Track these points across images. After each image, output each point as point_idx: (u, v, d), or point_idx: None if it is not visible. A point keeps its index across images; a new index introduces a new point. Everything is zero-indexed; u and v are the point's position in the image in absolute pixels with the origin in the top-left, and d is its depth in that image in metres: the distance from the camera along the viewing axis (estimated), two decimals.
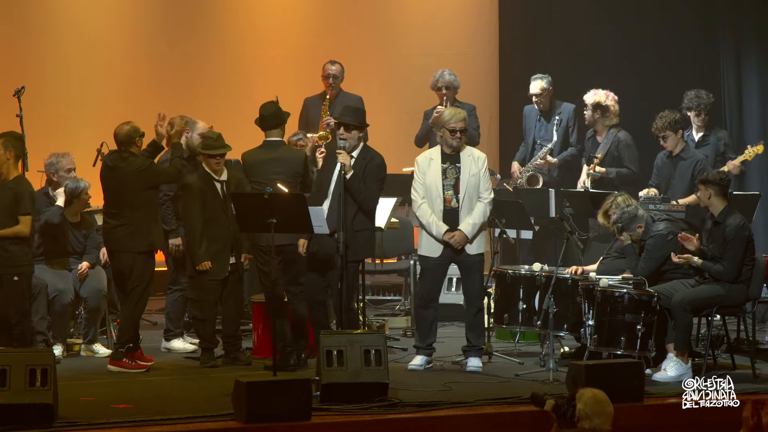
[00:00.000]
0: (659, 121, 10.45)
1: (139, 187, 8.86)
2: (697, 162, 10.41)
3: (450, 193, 8.99)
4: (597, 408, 6.99)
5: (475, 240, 8.96)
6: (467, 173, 8.95)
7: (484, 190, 8.99)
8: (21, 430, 6.94)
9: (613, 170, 11.10)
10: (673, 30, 13.15)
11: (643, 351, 8.56)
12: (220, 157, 9.08)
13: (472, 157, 9.00)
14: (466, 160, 8.98)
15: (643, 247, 8.99)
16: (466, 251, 8.95)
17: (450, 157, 9.02)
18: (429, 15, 13.54)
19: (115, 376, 8.74)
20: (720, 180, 8.83)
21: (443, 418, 7.57)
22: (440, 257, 8.99)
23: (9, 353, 7.34)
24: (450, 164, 9.00)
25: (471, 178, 8.95)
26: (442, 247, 8.96)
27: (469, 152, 9.04)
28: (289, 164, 9.15)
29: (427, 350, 9.04)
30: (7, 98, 8.97)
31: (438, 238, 8.96)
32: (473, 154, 9.04)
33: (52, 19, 12.52)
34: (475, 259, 8.99)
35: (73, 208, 9.63)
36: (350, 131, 8.84)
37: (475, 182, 8.96)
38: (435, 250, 9.00)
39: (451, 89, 11.66)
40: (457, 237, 8.90)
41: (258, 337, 9.50)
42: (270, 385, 7.31)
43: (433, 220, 8.95)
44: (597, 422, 6.96)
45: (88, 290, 9.53)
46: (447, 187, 9.00)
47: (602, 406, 6.97)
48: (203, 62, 12.85)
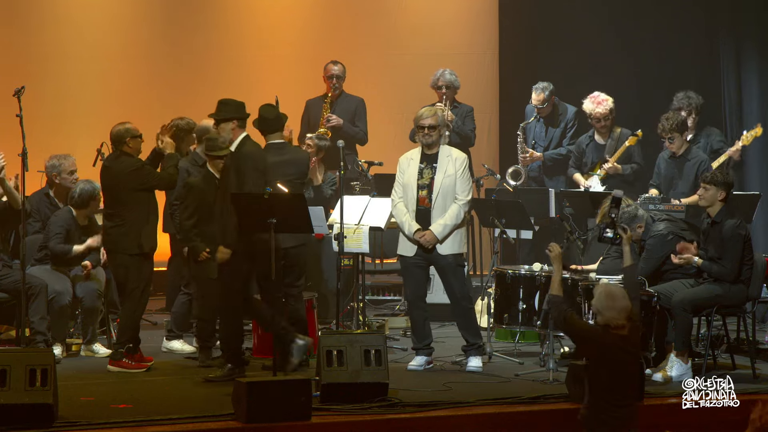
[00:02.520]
0: (665, 123, 10.43)
1: (130, 187, 8.86)
2: (701, 162, 10.40)
3: (424, 192, 8.98)
4: (608, 303, 7.06)
5: (447, 240, 8.93)
6: (442, 173, 8.92)
7: (460, 192, 8.95)
8: (21, 430, 6.94)
9: (627, 166, 11.13)
10: (673, 31, 13.16)
11: (643, 351, 8.54)
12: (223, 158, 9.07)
13: (450, 157, 8.97)
14: (443, 160, 8.95)
15: (643, 247, 8.99)
16: (437, 251, 8.93)
17: (428, 157, 9.00)
18: (429, 15, 13.55)
19: (115, 376, 8.74)
20: (731, 182, 8.83)
21: (443, 418, 7.57)
22: (415, 256, 8.99)
23: (9, 353, 7.34)
24: (427, 164, 8.99)
25: (446, 178, 8.91)
26: (416, 247, 8.96)
27: (448, 152, 9.00)
28: (298, 165, 9.21)
29: (426, 350, 9.04)
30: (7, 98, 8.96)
31: (409, 237, 8.96)
32: (452, 154, 9.00)
33: (52, 19, 12.52)
34: (447, 260, 8.95)
35: (87, 210, 9.63)
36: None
37: (450, 183, 8.92)
38: (409, 249, 8.99)
39: (451, 89, 11.68)
40: (426, 236, 8.88)
41: (258, 337, 9.50)
42: (270, 385, 7.31)
43: (406, 219, 8.96)
44: (609, 316, 7.04)
45: (83, 290, 9.52)
46: (421, 186, 8.99)
47: (614, 300, 7.06)
48: (203, 62, 12.85)
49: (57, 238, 9.50)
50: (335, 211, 9.75)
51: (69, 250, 9.51)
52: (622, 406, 7.04)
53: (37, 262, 9.58)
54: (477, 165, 11.89)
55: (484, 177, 11.78)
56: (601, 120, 11.21)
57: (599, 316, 7.14)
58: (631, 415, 7.08)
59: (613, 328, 7.07)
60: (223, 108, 8.91)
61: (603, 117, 11.19)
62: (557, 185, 11.56)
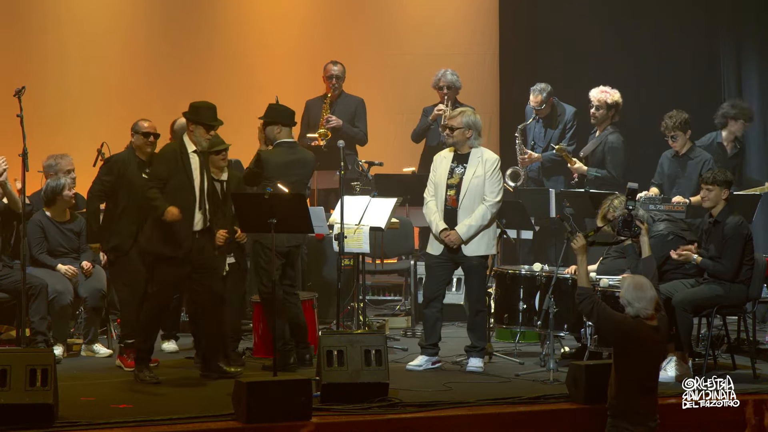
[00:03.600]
0: (669, 121, 10.41)
1: None
2: (705, 162, 10.39)
3: (452, 192, 9.00)
4: (637, 293, 7.17)
5: (472, 241, 8.95)
6: (471, 174, 8.95)
7: (489, 193, 8.97)
8: (21, 430, 6.94)
9: (593, 170, 11.14)
10: (673, 31, 13.15)
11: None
12: (224, 152, 9.10)
13: (481, 158, 9.00)
14: (473, 161, 8.99)
15: None
16: (462, 252, 8.95)
17: (460, 157, 9.04)
18: (430, 15, 13.54)
19: (115, 376, 8.75)
20: (731, 180, 8.84)
21: (443, 418, 7.57)
22: (440, 256, 9.01)
23: (9, 353, 7.34)
24: (458, 164, 9.02)
25: (474, 179, 8.94)
26: (442, 246, 8.98)
27: (479, 153, 9.03)
28: (307, 166, 9.28)
29: (430, 350, 9.03)
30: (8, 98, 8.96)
31: (436, 236, 8.98)
32: (483, 155, 9.02)
33: (52, 19, 12.52)
34: (472, 261, 8.97)
35: (58, 206, 9.63)
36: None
37: (478, 183, 8.94)
38: (436, 248, 9.03)
39: (453, 89, 11.69)
40: (451, 236, 8.91)
41: (258, 337, 9.50)
42: (270, 385, 7.31)
43: (434, 218, 8.99)
44: (639, 307, 7.14)
45: (87, 290, 9.53)
46: (450, 186, 9.01)
47: (643, 291, 7.19)
48: (204, 62, 12.84)
49: (38, 248, 9.55)
50: (335, 211, 9.75)
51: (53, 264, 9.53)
52: (650, 393, 7.25)
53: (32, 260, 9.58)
54: None
55: None
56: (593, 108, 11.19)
57: (629, 307, 7.27)
58: (656, 402, 7.31)
59: (644, 318, 7.18)
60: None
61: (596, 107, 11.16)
62: (556, 185, 11.56)
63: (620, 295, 7.38)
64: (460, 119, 9.00)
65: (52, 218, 9.65)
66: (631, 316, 7.27)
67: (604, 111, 11.22)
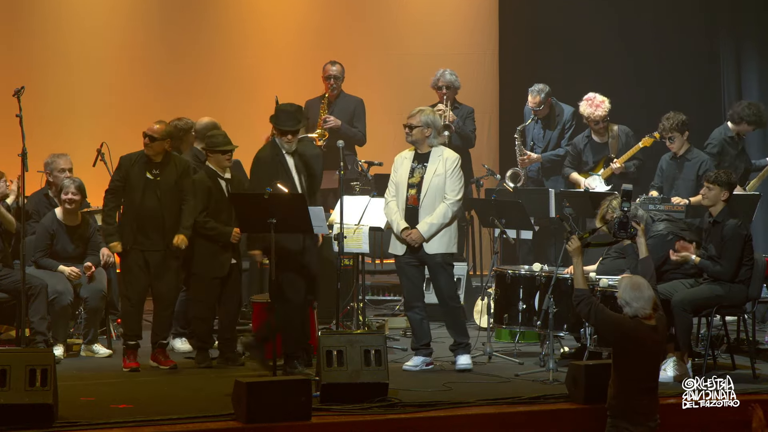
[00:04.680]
0: (666, 122, 10.41)
1: None
2: (702, 162, 10.38)
3: (414, 191, 9.00)
4: (635, 293, 7.18)
5: (434, 239, 8.92)
6: (432, 172, 8.95)
7: (449, 191, 8.96)
8: (21, 430, 6.94)
9: (631, 163, 11.13)
10: (673, 31, 13.16)
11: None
12: (230, 153, 9.12)
13: (441, 157, 9.00)
14: (434, 159, 8.99)
15: None
16: (424, 250, 8.94)
17: (421, 156, 9.04)
18: (429, 15, 13.54)
19: (115, 376, 8.75)
20: (734, 182, 8.84)
21: (443, 418, 7.57)
22: (405, 255, 9.01)
23: (9, 353, 7.34)
24: (419, 163, 9.02)
25: (435, 177, 8.93)
26: (405, 246, 8.99)
27: (440, 152, 9.03)
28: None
29: (423, 350, 9.03)
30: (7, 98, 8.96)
31: (397, 236, 8.99)
32: (443, 154, 9.03)
33: (52, 19, 12.52)
34: (436, 259, 8.94)
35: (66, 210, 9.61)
36: (296, 135, 8.89)
37: (439, 182, 8.94)
38: (399, 248, 9.03)
39: (452, 89, 11.68)
40: (413, 235, 8.90)
41: None
42: (270, 385, 7.31)
43: (395, 217, 9.00)
44: (636, 307, 7.15)
45: (88, 290, 9.53)
46: (411, 185, 9.00)
47: (641, 291, 7.19)
48: (204, 62, 12.84)
49: (40, 252, 9.54)
50: (335, 211, 9.75)
51: (54, 266, 9.52)
52: (650, 393, 7.27)
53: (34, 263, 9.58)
54: (477, 165, 11.90)
55: (484, 177, 11.78)
56: (599, 122, 11.20)
57: (627, 307, 7.27)
58: (657, 402, 7.32)
59: (642, 318, 7.20)
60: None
61: (602, 119, 11.18)
62: (556, 186, 11.55)
63: (618, 296, 7.38)
64: (418, 118, 9.02)
65: (63, 222, 9.63)
66: (630, 316, 7.28)
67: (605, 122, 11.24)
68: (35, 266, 9.49)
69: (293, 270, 8.70)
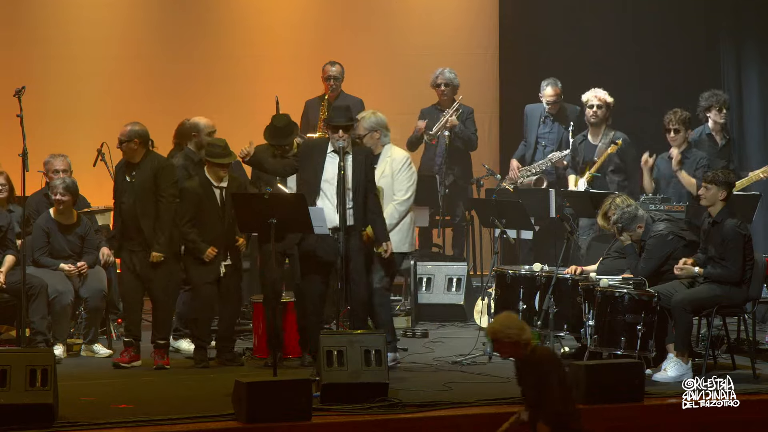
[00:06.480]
0: (673, 115, 10.34)
1: None
2: (699, 160, 10.37)
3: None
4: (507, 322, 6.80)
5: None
6: (379, 174, 8.95)
7: (396, 191, 8.99)
8: (21, 430, 6.94)
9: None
10: (673, 30, 13.16)
11: (643, 351, 8.55)
12: (226, 166, 9.10)
13: (390, 158, 9.03)
14: (383, 160, 9.02)
15: (643, 247, 8.98)
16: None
17: (375, 158, 8.99)
18: (429, 14, 13.53)
19: (115, 376, 8.76)
20: (732, 182, 8.82)
21: (443, 418, 7.57)
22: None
23: (9, 353, 7.34)
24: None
25: (382, 179, 8.95)
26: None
27: (388, 152, 9.06)
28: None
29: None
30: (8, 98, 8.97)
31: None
32: (392, 154, 9.05)
33: (52, 19, 12.53)
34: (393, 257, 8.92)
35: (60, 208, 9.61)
36: (348, 131, 8.77)
37: (386, 183, 8.96)
38: None
39: (451, 87, 11.68)
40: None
41: (258, 337, 9.50)
42: (270, 385, 7.31)
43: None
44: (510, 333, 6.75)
45: (88, 290, 9.54)
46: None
47: (510, 320, 6.83)
48: (204, 63, 12.84)
49: (40, 251, 9.54)
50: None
51: (54, 264, 9.53)
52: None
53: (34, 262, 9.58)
54: (477, 165, 11.90)
55: (484, 177, 11.78)
56: (594, 107, 11.11)
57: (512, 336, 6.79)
58: None
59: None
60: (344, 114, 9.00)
61: (598, 105, 11.10)
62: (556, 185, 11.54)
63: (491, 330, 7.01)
64: (362, 126, 9.03)
65: (57, 221, 9.63)
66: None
67: (605, 110, 11.18)
68: (35, 265, 9.49)
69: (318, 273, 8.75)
